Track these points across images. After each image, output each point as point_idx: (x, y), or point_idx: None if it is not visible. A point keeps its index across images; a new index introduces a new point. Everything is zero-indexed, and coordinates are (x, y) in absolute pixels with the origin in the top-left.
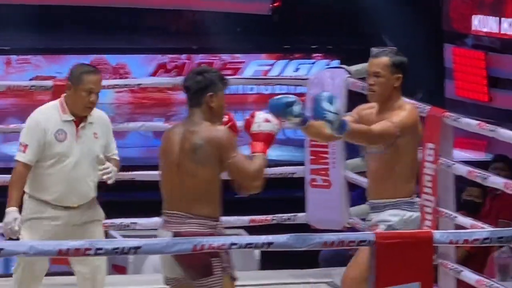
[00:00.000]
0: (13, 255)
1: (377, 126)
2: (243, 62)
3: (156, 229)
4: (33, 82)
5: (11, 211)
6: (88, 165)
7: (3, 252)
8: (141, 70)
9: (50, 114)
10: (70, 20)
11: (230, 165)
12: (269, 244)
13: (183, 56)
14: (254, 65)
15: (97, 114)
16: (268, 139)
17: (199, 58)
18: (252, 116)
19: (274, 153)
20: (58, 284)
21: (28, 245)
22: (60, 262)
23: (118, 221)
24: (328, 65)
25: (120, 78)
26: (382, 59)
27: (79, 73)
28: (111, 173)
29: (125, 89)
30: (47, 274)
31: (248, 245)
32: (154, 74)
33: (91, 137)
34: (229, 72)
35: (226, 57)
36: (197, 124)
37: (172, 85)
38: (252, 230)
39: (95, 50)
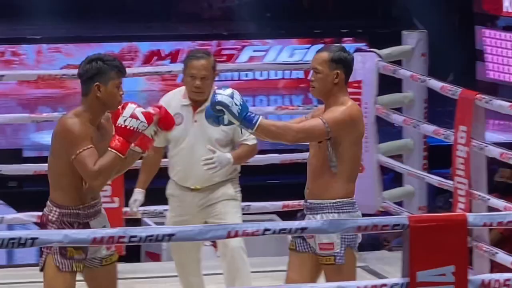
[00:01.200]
0: (47, 244)
1: (303, 123)
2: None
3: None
4: (64, 71)
5: (135, 192)
6: (205, 150)
7: (38, 241)
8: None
9: (172, 98)
10: (102, 8)
11: (73, 161)
12: (303, 229)
13: (214, 42)
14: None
15: None
16: (130, 136)
17: (229, 44)
18: (123, 108)
19: None
20: None
21: (63, 234)
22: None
23: (151, 208)
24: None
25: (151, 65)
26: (321, 54)
27: (186, 59)
28: (214, 164)
29: (157, 76)
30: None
31: (282, 231)
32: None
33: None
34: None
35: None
36: (68, 114)
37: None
38: (285, 215)
39: (126, 37)
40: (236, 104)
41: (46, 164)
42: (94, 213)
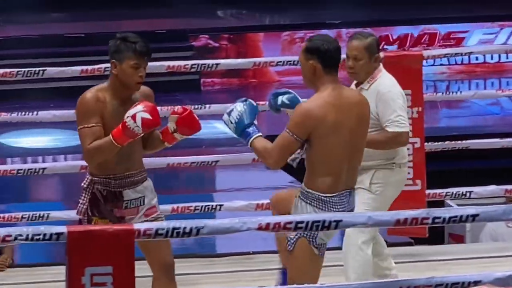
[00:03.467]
0: (352, 227)
1: (274, 143)
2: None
3: (492, 197)
4: None
5: None
6: None
7: (342, 224)
8: (474, 38)
9: None
10: None
11: (78, 133)
12: None
13: (510, 23)
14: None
15: (377, 85)
16: (127, 131)
17: (459, 28)
18: (138, 103)
19: None
20: (400, 255)
21: (367, 216)
22: (396, 233)
23: (454, 190)
24: None
25: (451, 47)
26: (303, 44)
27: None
28: None
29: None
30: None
31: None
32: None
33: None
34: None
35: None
36: (92, 88)
37: (505, 52)
38: None
39: (424, 20)
40: (231, 122)
41: None
42: (129, 183)
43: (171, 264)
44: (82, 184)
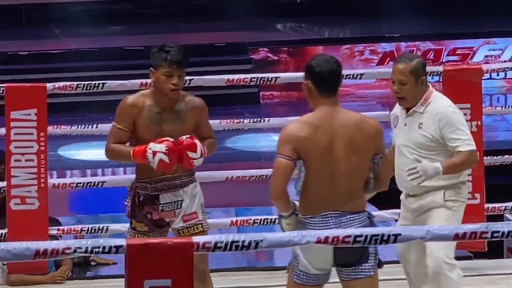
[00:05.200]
0: (410, 240)
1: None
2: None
3: None
4: None
5: None
6: (409, 154)
7: (401, 237)
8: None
9: None
10: (459, 3)
11: None
12: None
13: None
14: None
15: (433, 106)
16: (144, 151)
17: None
18: (158, 141)
19: None
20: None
21: (425, 230)
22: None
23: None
24: None
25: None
26: None
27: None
28: (418, 174)
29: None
30: None
31: None
32: None
33: (415, 127)
34: None
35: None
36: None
37: None
38: None
39: (482, 34)
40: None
41: None
42: (166, 186)
43: (203, 270)
44: (130, 185)
